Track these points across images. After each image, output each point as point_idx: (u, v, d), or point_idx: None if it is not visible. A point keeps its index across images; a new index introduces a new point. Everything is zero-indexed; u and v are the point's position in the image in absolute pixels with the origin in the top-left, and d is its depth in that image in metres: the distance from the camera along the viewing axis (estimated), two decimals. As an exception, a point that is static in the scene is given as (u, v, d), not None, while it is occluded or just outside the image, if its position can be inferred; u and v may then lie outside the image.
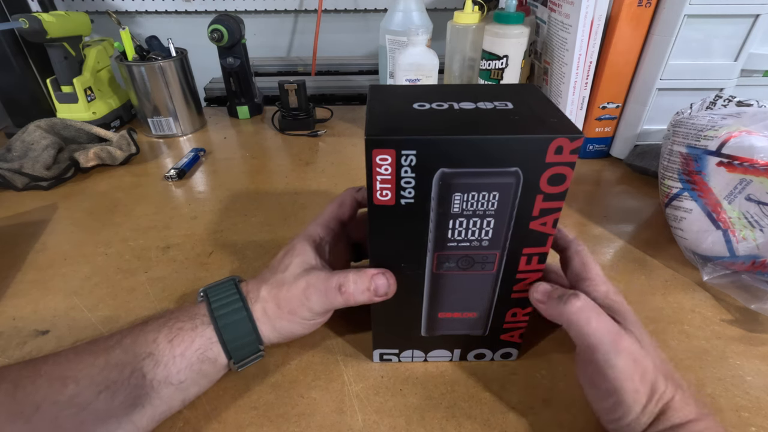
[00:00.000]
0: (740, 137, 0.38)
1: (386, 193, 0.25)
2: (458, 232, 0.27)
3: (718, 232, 0.40)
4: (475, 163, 0.24)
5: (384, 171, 0.24)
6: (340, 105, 0.83)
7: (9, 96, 0.68)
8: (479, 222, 0.26)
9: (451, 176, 0.24)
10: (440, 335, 0.32)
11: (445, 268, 0.28)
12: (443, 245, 0.27)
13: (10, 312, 0.39)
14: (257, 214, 0.52)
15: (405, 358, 0.34)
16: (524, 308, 0.31)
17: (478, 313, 0.31)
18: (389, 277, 0.28)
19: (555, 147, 0.23)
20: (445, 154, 0.23)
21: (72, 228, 0.50)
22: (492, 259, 0.28)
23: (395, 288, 0.29)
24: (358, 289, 0.28)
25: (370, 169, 0.24)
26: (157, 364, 0.27)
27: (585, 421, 0.30)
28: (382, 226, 0.26)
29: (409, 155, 0.23)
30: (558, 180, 0.25)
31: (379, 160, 0.24)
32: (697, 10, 0.49)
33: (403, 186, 0.25)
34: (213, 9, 0.95)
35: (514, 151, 0.23)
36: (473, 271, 0.28)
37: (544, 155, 0.23)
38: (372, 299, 0.29)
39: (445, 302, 0.30)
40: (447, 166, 0.24)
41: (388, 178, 0.24)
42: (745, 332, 0.36)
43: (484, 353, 0.34)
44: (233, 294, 0.31)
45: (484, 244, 0.27)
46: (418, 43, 0.58)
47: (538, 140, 0.23)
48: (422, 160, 0.24)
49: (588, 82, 0.57)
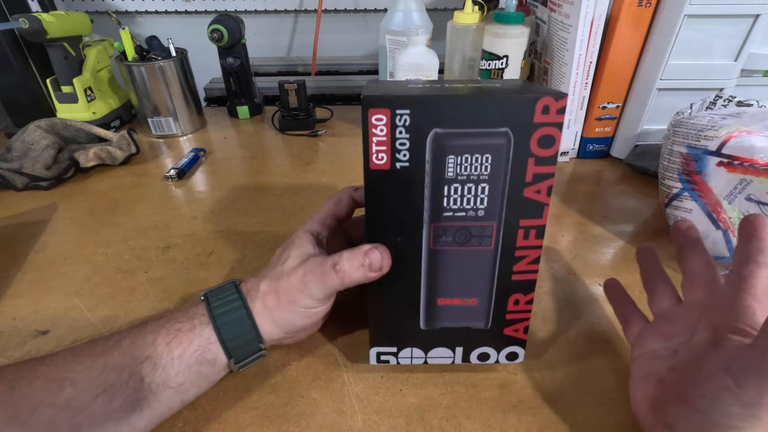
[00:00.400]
0: (740, 137, 0.38)
1: (382, 156, 0.26)
2: (453, 199, 0.27)
3: (718, 232, 0.40)
4: (466, 123, 0.25)
5: (379, 132, 0.25)
6: (340, 105, 0.83)
7: (9, 96, 0.68)
8: (474, 188, 0.27)
9: (444, 137, 0.26)
10: (440, 329, 0.32)
11: (442, 243, 0.29)
12: (439, 215, 0.28)
13: (10, 312, 0.39)
14: (257, 214, 0.52)
15: (404, 359, 0.33)
16: (526, 294, 0.30)
17: (479, 299, 0.30)
18: (382, 251, 0.28)
19: (542, 106, 0.25)
20: (438, 114, 0.25)
21: (72, 228, 0.50)
22: (489, 232, 0.28)
23: (389, 262, 0.28)
24: (353, 266, 0.28)
25: (366, 130, 0.25)
26: (156, 367, 0.27)
27: (585, 421, 0.30)
28: (378, 192, 0.27)
29: (404, 115, 0.25)
30: (547, 142, 0.26)
31: (375, 120, 0.25)
32: (697, 10, 0.49)
33: (398, 148, 0.26)
34: (213, 9, 0.95)
35: (503, 111, 0.25)
36: (471, 247, 0.29)
37: (532, 115, 0.25)
38: (367, 275, 0.28)
39: (443, 285, 0.30)
40: (440, 126, 0.25)
41: (383, 140, 0.26)
42: (745, 332, 0.36)
43: (488, 353, 0.33)
44: (232, 293, 0.31)
45: (480, 213, 0.28)
46: (418, 43, 0.58)
47: (525, 99, 0.25)
48: (416, 119, 0.25)
49: (588, 82, 0.57)
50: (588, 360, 0.34)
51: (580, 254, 0.45)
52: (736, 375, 0.23)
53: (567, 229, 0.49)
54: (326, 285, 0.29)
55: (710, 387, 0.24)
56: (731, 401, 0.22)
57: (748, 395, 0.22)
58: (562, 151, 0.62)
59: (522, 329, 0.32)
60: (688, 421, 0.24)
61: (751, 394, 0.22)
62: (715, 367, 0.24)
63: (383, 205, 0.27)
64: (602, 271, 0.43)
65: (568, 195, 0.55)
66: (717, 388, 0.23)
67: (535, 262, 0.29)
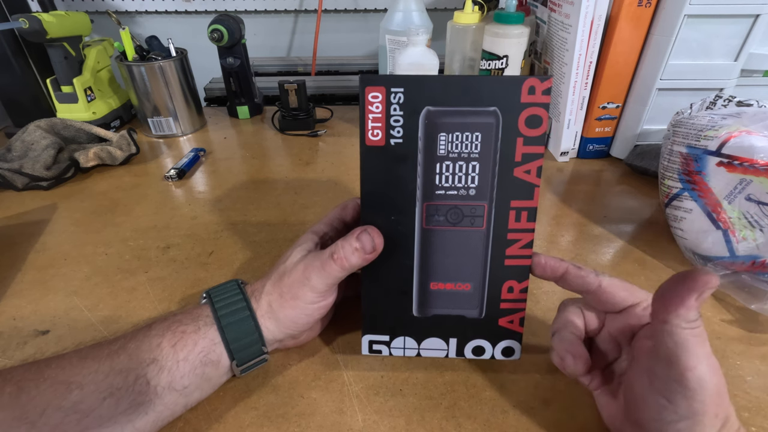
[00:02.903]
0: (740, 137, 0.38)
1: (377, 133, 0.28)
2: (445, 177, 0.28)
3: (718, 232, 0.40)
4: (457, 102, 0.27)
5: (375, 109, 0.27)
6: (340, 105, 0.83)
7: (9, 96, 0.68)
8: (465, 166, 0.28)
9: (435, 114, 0.27)
10: (433, 317, 0.32)
11: (434, 222, 0.29)
12: (431, 193, 0.29)
13: (10, 312, 0.39)
14: (257, 214, 0.52)
15: (396, 350, 0.33)
16: (521, 282, 0.30)
17: (472, 284, 0.31)
18: (371, 231, 0.29)
19: (528, 87, 0.27)
20: (430, 92, 0.27)
21: (72, 228, 0.50)
22: (480, 212, 0.29)
23: (381, 240, 0.29)
24: (348, 252, 0.29)
25: (362, 107, 0.27)
26: (161, 370, 0.27)
27: (585, 421, 0.30)
28: (373, 169, 0.28)
29: (398, 92, 0.27)
30: (535, 122, 0.27)
31: (371, 97, 0.27)
32: (697, 10, 0.49)
33: (393, 125, 0.28)
34: (213, 9, 0.95)
35: (492, 90, 0.27)
36: (463, 227, 0.29)
37: (519, 94, 0.27)
38: (364, 258, 0.29)
39: (437, 268, 0.30)
40: (432, 104, 0.27)
41: (378, 116, 0.27)
42: (745, 332, 0.36)
43: (483, 347, 0.32)
44: (236, 294, 0.31)
45: (471, 192, 0.29)
46: (418, 43, 0.58)
47: (512, 79, 0.27)
48: (409, 97, 0.27)
49: (588, 82, 0.57)
50: (588, 360, 0.34)
51: (580, 254, 0.45)
52: (664, 393, 0.23)
53: (567, 229, 0.49)
54: (327, 275, 0.29)
55: (652, 410, 0.24)
56: (674, 418, 0.23)
57: (683, 408, 0.23)
58: (562, 151, 0.62)
59: (517, 321, 0.31)
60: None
61: (684, 405, 0.23)
62: (645, 388, 0.25)
63: (378, 182, 0.29)
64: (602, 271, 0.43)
65: (568, 195, 0.55)
66: (657, 409, 0.24)
67: (528, 247, 0.29)
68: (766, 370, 0.33)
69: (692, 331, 0.22)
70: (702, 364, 0.22)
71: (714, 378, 0.23)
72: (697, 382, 0.22)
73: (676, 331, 0.22)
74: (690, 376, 0.22)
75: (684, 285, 0.22)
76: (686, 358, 0.22)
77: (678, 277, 0.22)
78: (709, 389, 0.22)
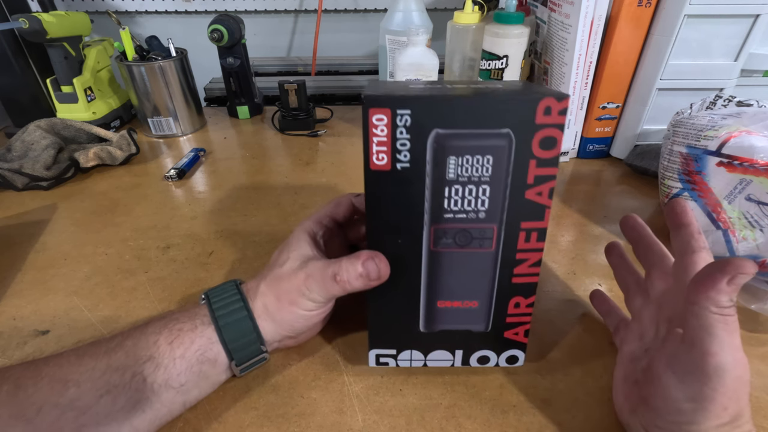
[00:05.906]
0: (740, 137, 0.38)
1: (382, 157, 0.26)
2: (454, 201, 0.27)
3: (718, 232, 0.40)
4: (468, 123, 0.25)
5: (380, 132, 0.25)
6: (340, 105, 0.83)
7: (9, 96, 0.68)
8: (475, 190, 0.27)
9: (444, 137, 0.25)
10: (440, 332, 0.32)
11: (442, 245, 0.28)
12: (440, 216, 0.27)
13: (10, 312, 0.39)
14: (257, 214, 0.52)
15: (403, 362, 0.33)
16: (527, 297, 0.30)
17: (480, 301, 0.30)
18: (379, 260, 0.28)
19: (543, 107, 0.24)
20: (439, 114, 0.25)
21: (72, 228, 0.50)
22: (490, 234, 0.28)
23: (387, 270, 0.28)
24: (351, 276, 0.28)
25: (366, 130, 0.25)
26: (158, 367, 0.27)
27: (585, 421, 0.30)
28: (379, 193, 0.27)
29: (404, 115, 0.25)
30: (549, 144, 0.25)
31: (375, 120, 0.25)
32: (697, 10, 0.49)
33: (399, 148, 0.25)
34: (213, 9, 0.95)
35: (505, 111, 0.25)
36: (471, 249, 0.28)
37: (534, 116, 0.24)
38: (367, 284, 0.28)
39: (444, 287, 0.30)
40: (441, 127, 0.25)
41: (383, 140, 0.25)
42: (745, 332, 0.36)
43: (488, 356, 0.33)
44: (234, 294, 0.31)
45: (480, 215, 0.27)
46: (418, 43, 0.58)
47: (527, 100, 0.24)
48: (417, 119, 0.25)
49: (588, 82, 0.57)
50: (587, 360, 0.34)
51: (580, 254, 0.45)
52: (676, 371, 0.23)
53: (567, 229, 0.49)
54: (327, 291, 0.29)
55: (660, 386, 0.24)
56: (680, 397, 0.23)
57: (692, 390, 0.22)
58: (562, 151, 0.62)
59: (522, 333, 0.32)
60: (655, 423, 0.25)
61: (694, 388, 0.22)
62: (662, 365, 0.25)
63: (384, 206, 0.27)
64: (602, 271, 0.43)
65: (568, 195, 0.55)
66: (666, 387, 0.24)
67: (536, 265, 0.29)
68: (766, 370, 0.33)
69: (721, 318, 0.22)
70: (725, 353, 0.22)
71: (735, 371, 0.22)
72: (715, 370, 0.22)
73: (703, 314, 0.22)
74: (710, 362, 0.22)
75: (717, 268, 0.22)
76: (709, 342, 0.22)
77: (714, 263, 0.22)
78: (726, 380, 0.22)
